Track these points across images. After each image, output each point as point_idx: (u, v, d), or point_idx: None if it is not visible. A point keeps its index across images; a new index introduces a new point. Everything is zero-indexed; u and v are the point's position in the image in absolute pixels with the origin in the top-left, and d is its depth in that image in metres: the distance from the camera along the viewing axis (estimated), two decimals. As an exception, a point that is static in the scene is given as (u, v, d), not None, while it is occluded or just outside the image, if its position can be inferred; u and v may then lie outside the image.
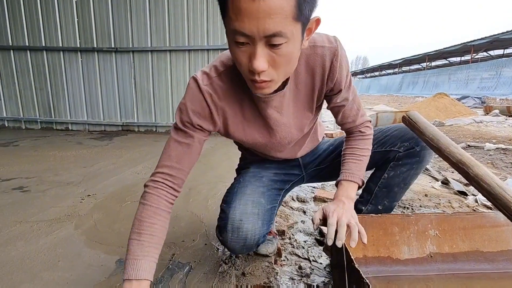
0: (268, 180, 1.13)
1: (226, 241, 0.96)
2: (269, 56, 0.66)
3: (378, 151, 1.10)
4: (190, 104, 0.85)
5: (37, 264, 1.12)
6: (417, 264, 0.97)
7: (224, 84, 0.86)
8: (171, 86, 4.38)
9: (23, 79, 4.66)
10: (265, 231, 1.02)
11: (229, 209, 0.98)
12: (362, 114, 1.02)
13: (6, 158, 2.87)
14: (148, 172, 2.40)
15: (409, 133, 1.05)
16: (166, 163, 0.85)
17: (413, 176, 1.07)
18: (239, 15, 0.60)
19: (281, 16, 0.60)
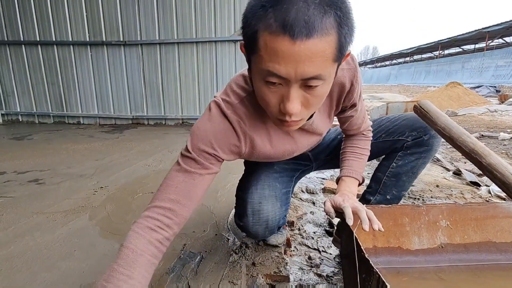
0: (280, 167, 1.14)
1: (248, 225, 0.97)
2: (303, 97, 0.61)
3: (387, 140, 1.10)
4: (213, 130, 0.75)
5: (54, 254, 1.16)
6: (427, 254, 0.97)
7: (248, 110, 0.78)
8: (179, 78, 4.39)
9: (35, 74, 4.74)
10: (284, 212, 1.03)
11: (247, 195, 0.98)
12: (366, 121, 1.03)
13: (21, 152, 2.94)
14: (158, 164, 2.43)
15: (417, 122, 1.03)
16: (169, 196, 0.71)
17: (421, 165, 1.07)
18: (274, 57, 0.54)
19: (322, 60, 0.55)
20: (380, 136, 1.10)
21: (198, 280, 0.99)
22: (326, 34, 0.53)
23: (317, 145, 1.19)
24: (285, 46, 0.52)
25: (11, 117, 5.03)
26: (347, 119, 0.98)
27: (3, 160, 2.61)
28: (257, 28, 0.55)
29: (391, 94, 10.71)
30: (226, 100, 0.78)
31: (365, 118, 1.02)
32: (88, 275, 1.03)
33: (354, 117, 0.97)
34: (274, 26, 0.52)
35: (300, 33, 0.51)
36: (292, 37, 0.51)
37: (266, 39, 0.54)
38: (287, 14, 0.51)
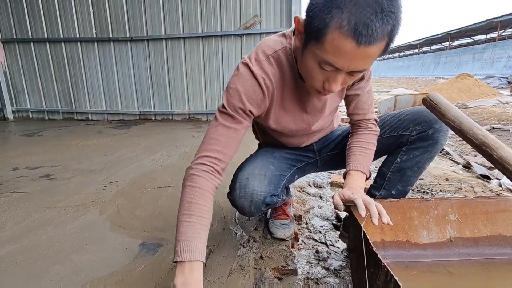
0: (280, 156, 1.17)
1: (235, 198, 1.02)
2: (344, 79, 0.73)
3: (391, 135, 1.09)
4: (243, 89, 0.84)
5: (66, 247, 1.19)
6: (436, 248, 0.96)
7: (273, 67, 0.87)
8: (185, 73, 4.40)
9: (44, 71, 4.80)
10: (272, 191, 1.05)
11: (238, 172, 1.05)
12: (372, 111, 1.05)
13: (32, 148, 3.00)
14: (166, 159, 2.45)
15: (421, 116, 1.02)
16: (215, 147, 0.84)
17: (427, 160, 1.06)
18: (337, 53, 0.64)
19: (372, 59, 0.66)
20: (384, 132, 1.10)
21: (206, 273, 1.00)
22: (381, 41, 0.62)
23: (322, 138, 1.19)
24: (349, 47, 0.62)
25: (22, 114, 5.11)
26: (353, 98, 1.00)
27: (15, 156, 2.67)
28: (330, 24, 0.62)
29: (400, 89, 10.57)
30: (254, 58, 0.86)
31: (371, 107, 1.03)
32: (100, 267, 1.05)
33: (360, 97, 0.99)
34: (346, 28, 0.60)
35: (365, 41, 0.60)
36: (358, 42, 0.61)
37: (335, 36, 0.62)
38: (359, 20, 0.59)
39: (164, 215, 1.45)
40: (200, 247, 0.73)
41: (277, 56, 0.86)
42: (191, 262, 0.70)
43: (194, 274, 0.69)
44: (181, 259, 0.70)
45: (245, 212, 1.06)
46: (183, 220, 0.76)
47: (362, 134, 1.03)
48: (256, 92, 0.85)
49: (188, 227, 0.75)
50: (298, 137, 1.11)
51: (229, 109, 0.84)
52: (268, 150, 1.19)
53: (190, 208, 0.77)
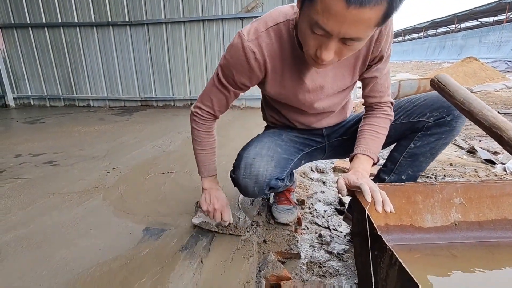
0: (288, 138, 1.15)
1: (239, 178, 1.02)
2: (338, 48, 0.69)
3: (406, 122, 1.05)
4: (232, 61, 0.90)
5: (71, 232, 1.20)
6: (440, 232, 0.96)
7: (270, 40, 0.86)
8: (186, 58, 4.33)
9: (43, 56, 4.75)
10: (278, 174, 1.04)
11: (244, 152, 1.05)
12: (389, 94, 1.01)
13: (34, 135, 3.00)
14: (168, 145, 2.45)
15: (439, 101, 0.99)
16: (207, 103, 1.02)
17: (441, 146, 1.03)
18: (326, 13, 0.61)
19: (365, 26, 0.61)
20: (398, 118, 1.06)
21: (210, 257, 1.01)
22: (377, 4, 0.57)
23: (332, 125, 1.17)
24: (338, 7, 0.58)
25: (23, 101, 5.10)
26: (371, 80, 0.96)
27: (17, 143, 2.67)
28: None
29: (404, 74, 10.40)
30: (254, 28, 0.87)
31: (388, 89, 0.99)
32: (104, 252, 1.06)
33: (378, 78, 0.95)
34: None
35: (356, 0, 0.56)
36: (347, 2, 0.56)
37: None
38: None
39: (168, 200, 1.45)
40: (213, 166, 1.13)
41: (277, 29, 0.85)
42: (211, 176, 1.13)
43: (213, 181, 1.14)
44: (204, 175, 1.12)
45: (248, 193, 1.05)
46: (199, 152, 1.10)
47: (376, 118, 0.99)
48: (243, 65, 0.89)
49: (205, 156, 1.10)
50: (306, 115, 1.08)
51: (222, 77, 0.94)
52: (276, 131, 1.17)
53: (201, 144, 1.08)
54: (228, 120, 3.43)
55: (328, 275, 1.02)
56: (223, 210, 1.08)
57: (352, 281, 0.99)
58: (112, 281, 0.91)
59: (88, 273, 0.95)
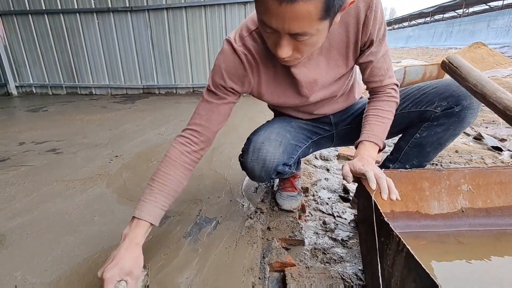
0: (297, 125, 1.13)
1: (246, 161, 1.01)
2: (294, 45, 0.69)
3: (413, 111, 1.02)
4: (225, 65, 0.88)
5: (75, 219, 1.20)
6: (447, 219, 0.95)
7: (256, 42, 0.86)
8: (188, 45, 4.27)
9: (44, 44, 4.70)
10: (285, 160, 1.03)
11: (253, 136, 1.04)
12: (391, 75, 0.97)
13: (37, 123, 3.00)
14: (170, 133, 2.44)
15: (449, 90, 0.95)
16: (195, 121, 0.93)
17: (449, 138, 1.00)
18: (266, 12, 0.62)
19: (307, 20, 0.61)
20: (406, 106, 1.03)
21: (214, 244, 1.01)
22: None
23: (341, 111, 1.14)
24: (272, 6, 0.59)
25: (25, 89, 5.09)
26: (367, 65, 0.93)
27: (21, 131, 2.67)
28: None
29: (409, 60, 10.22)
30: (238, 34, 0.87)
31: (388, 72, 0.95)
32: (108, 238, 1.07)
33: (374, 64, 0.92)
34: None
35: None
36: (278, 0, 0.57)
37: None
38: None
39: (171, 187, 1.45)
40: (150, 209, 0.83)
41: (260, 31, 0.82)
42: (138, 220, 0.82)
43: (137, 230, 0.81)
44: (133, 215, 0.83)
45: (255, 177, 1.05)
46: (148, 184, 0.89)
47: (380, 101, 0.96)
48: (237, 68, 0.88)
49: (148, 190, 0.87)
50: (304, 107, 1.06)
51: (212, 86, 0.91)
52: (286, 118, 1.15)
53: (155, 174, 0.89)
54: (231, 107, 3.40)
55: (332, 261, 1.01)
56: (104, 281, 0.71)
57: (357, 268, 0.99)
58: (116, 267, 0.91)
59: (93, 259, 0.96)
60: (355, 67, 1.05)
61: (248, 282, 0.83)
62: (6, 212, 1.27)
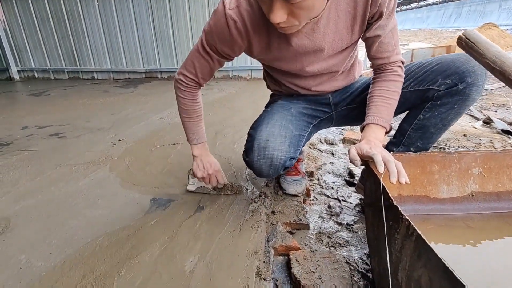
0: (297, 112, 1.09)
1: (253, 161, 0.97)
2: (288, 9, 0.67)
3: (415, 90, 0.97)
4: (215, 28, 0.88)
5: (79, 203, 1.20)
6: (456, 203, 0.93)
7: (251, 8, 0.83)
8: (190, 27, 4.17)
9: (44, 27, 4.63)
10: (292, 154, 1.00)
11: (256, 132, 0.98)
12: (398, 52, 0.92)
13: (40, 107, 2.99)
14: (173, 117, 2.41)
15: (453, 67, 0.90)
16: (191, 69, 1.00)
17: (454, 117, 0.96)
18: None
19: None
20: (408, 85, 0.98)
21: (218, 227, 1.00)
22: None
23: (340, 90, 1.10)
24: None
25: (27, 73, 5.05)
26: (374, 40, 0.89)
27: (23, 116, 2.66)
28: None
29: (417, 40, 9.95)
30: None
31: (396, 48, 0.91)
32: (112, 222, 1.06)
33: (381, 38, 0.88)
34: None
35: None
36: None
37: None
38: None
39: (174, 172, 1.44)
40: (201, 134, 1.12)
41: None
42: (200, 143, 1.12)
43: (203, 148, 1.13)
44: (194, 143, 1.11)
45: (262, 175, 1.02)
46: (185, 120, 1.09)
47: (387, 82, 0.91)
48: (225, 33, 0.87)
49: (191, 123, 1.09)
50: (303, 79, 1.03)
51: (206, 44, 0.92)
52: (284, 104, 1.10)
53: (187, 112, 1.07)
54: (234, 91, 3.36)
55: (337, 245, 1.00)
56: (217, 174, 1.13)
57: (362, 252, 0.97)
58: (120, 250, 0.91)
59: (97, 242, 0.96)
60: (358, 44, 1.01)
61: (252, 265, 0.83)
62: (10, 196, 1.28)
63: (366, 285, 0.85)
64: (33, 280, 0.82)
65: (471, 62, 0.88)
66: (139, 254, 0.89)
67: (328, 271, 0.86)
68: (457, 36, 0.85)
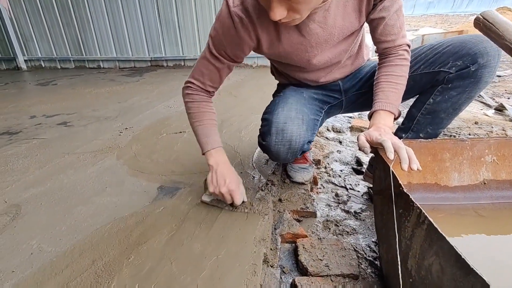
0: (308, 96, 1.08)
1: (270, 145, 0.96)
2: (287, 4, 0.67)
3: (425, 72, 0.94)
4: (221, 31, 0.87)
5: (87, 190, 1.21)
6: (467, 191, 0.91)
7: (257, 1, 0.81)
8: (195, 14, 4.10)
9: (50, 16, 4.60)
10: (309, 137, 0.99)
11: (272, 115, 0.96)
12: (403, 35, 0.89)
13: (47, 97, 3.00)
14: (179, 105, 2.40)
15: (465, 48, 0.86)
16: (199, 78, 0.98)
17: (465, 101, 0.92)
18: None
19: None
20: (418, 67, 0.95)
21: (225, 215, 1.00)
22: None
23: (349, 76, 1.08)
24: None
25: (34, 63, 5.07)
26: (379, 22, 0.86)
27: (31, 105, 2.68)
28: None
29: (427, 26, 9.68)
30: None
31: (401, 31, 0.88)
32: (120, 209, 1.07)
33: (386, 20, 0.85)
34: None
35: None
36: None
37: None
38: None
39: (181, 159, 1.44)
40: (216, 138, 1.00)
41: None
42: (214, 149, 0.99)
43: (219, 155, 1.00)
44: (207, 150, 0.99)
45: (279, 159, 1.01)
46: (196, 125, 1.00)
47: (393, 66, 0.89)
48: (232, 34, 0.86)
49: (202, 128, 1.00)
50: (312, 72, 1.01)
51: (214, 48, 0.91)
52: (295, 89, 1.08)
53: (198, 116, 1.00)
54: (240, 79, 3.32)
55: (345, 233, 1.00)
56: (232, 193, 0.95)
57: (370, 240, 0.97)
58: (128, 237, 0.92)
59: (106, 229, 0.97)
60: (364, 27, 0.98)
61: (260, 252, 0.83)
62: (20, 184, 1.29)
63: (373, 272, 0.85)
64: (44, 265, 0.83)
65: (484, 43, 0.85)
66: (147, 241, 0.90)
67: (336, 258, 0.86)
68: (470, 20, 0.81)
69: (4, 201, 1.16)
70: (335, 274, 0.81)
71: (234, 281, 0.74)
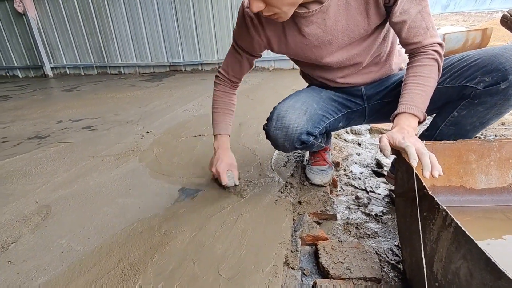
0: (327, 96, 1.09)
1: (270, 129, 1.02)
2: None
3: (451, 86, 0.90)
4: (238, 28, 1.00)
5: (112, 192, 1.26)
6: (495, 194, 0.88)
7: None
8: (213, 21, 4.18)
9: (74, 25, 4.82)
10: (309, 128, 1.01)
11: (279, 104, 1.05)
12: (432, 35, 0.84)
13: (72, 102, 3.13)
14: (198, 109, 2.45)
15: (495, 62, 0.80)
16: (225, 68, 1.14)
17: (494, 116, 0.87)
18: None
19: None
20: (444, 80, 0.90)
21: (246, 217, 1.01)
22: None
23: (374, 83, 1.06)
24: None
25: (60, 70, 5.31)
26: (401, 26, 0.84)
27: (58, 110, 2.80)
28: None
29: (448, 24, 9.38)
30: None
31: (428, 31, 0.83)
32: (144, 210, 1.10)
33: (408, 22, 0.82)
34: None
35: None
36: None
37: None
38: None
39: (201, 162, 1.46)
40: (223, 125, 1.18)
41: None
42: (220, 135, 1.18)
43: (223, 141, 1.18)
44: (214, 133, 1.18)
45: (278, 146, 1.05)
46: (213, 111, 1.19)
47: (421, 66, 0.85)
48: (244, 31, 0.98)
49: (217, 115, 1.18)
50: (328, 71, 1.03)
51: (235, 43, 1.06)
52: (315, 88, 1.13)
53: (215, 103, 1.19)
54: (257, 82, 3.34)
55: (366, 236, 0.99)
56: (219, 174, 1.13)
57: (392, 243, 0.95)
58: (152, 237, 0.95)
59: (131, 229, 1.00)
60: (390, 33, 0.96)
61: (280, 254, 0.83)
62: (49, 185, 1.36)
63: (396, 276, 0.83)
64: (74, 263, 0.87)
65: None
66: (170, 241, 0.92)
67: (357, 261, 0.85)
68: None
69: (36, 202, 1.22)
70: (357, 277, 0.80)
71: (256, 282, 0.75)
